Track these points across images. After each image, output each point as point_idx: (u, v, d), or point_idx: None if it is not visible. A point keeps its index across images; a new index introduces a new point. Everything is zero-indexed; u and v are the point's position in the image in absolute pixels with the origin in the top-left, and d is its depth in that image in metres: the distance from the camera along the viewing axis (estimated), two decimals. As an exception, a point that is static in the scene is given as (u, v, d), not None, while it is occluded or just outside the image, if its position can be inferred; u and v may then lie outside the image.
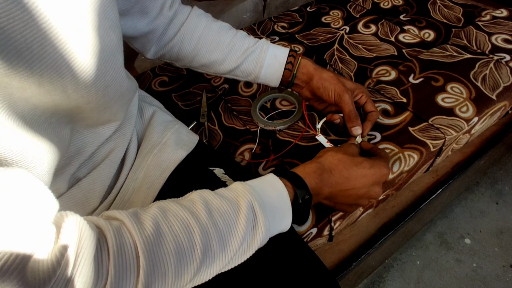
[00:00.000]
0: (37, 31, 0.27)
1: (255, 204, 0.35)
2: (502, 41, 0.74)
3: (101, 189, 0.43)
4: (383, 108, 0.64)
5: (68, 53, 0.29)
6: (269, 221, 0.36)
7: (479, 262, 1.00)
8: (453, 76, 0.68)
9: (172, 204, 0.34)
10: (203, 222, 0.32)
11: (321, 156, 0.46)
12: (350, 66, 0.76)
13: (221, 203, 0.34)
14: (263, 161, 0.60)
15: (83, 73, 0.32)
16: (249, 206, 0.35)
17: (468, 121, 0.61)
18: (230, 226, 0.33)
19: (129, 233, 0.30)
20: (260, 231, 0.35)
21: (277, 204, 0.37)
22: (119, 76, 0.38)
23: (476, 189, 1.16)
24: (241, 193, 0.36)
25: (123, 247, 0.28)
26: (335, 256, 0.63)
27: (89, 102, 0.35)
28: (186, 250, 0.31)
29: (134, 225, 0.30)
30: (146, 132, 0.51)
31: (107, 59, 0.35)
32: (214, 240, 0.32)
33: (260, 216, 0.35)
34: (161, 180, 0.46)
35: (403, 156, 0.57)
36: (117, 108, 0.42)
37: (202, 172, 0.49)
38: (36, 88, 0.29)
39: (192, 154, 0.51)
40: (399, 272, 0.99)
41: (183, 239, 0.31)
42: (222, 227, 0.33)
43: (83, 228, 0.27)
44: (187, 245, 0.31)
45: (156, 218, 0.31)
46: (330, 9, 0.95)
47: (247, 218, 0.34)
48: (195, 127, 0.68)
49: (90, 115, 0.38)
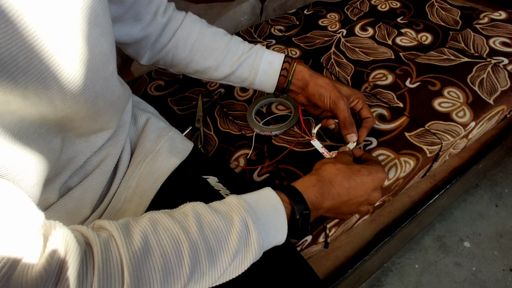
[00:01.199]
0: (22, 43, 0.26)
1: (249, 220, 0.34)
2: (500, 44, 0.73)
3: (93, 198, 0.43)
4: (379, 113, 0.64)
5: (55, 65, 0.29)
6: (262, 236, 0.35)
7: (479, 266, 0.99)
8: (450, 80, 0.67)
9: (163, 216, 0.33)
10: (193, 238, 0.32)
11: (319, 168, 0.45)
12: (347, 70, 0.76)
13: (213, 217, 0.34)
14: (258, 167, 0.59)
15: (71, 84, 0.31)
16: (242, 222, 0.34)
17: (465, 126, 0.60)
18: (221, 242, 0.33)
19: (116, 247, 0.29)
20: (253, 247, 0.34)
21: (271, 219, 0.37)
22: (110, 85, 0.38)
23: (475, 191, 1.15)
24: (235, 208, 0.35)
25: (109, 261, 0.28)
26: (331, 263, 0.63)
27: (78, 112, 0.35)
28: (174, 266, 0.30)
29: (122, 239, 0.29)
30: (140, 139, 0.51)
31: (97, 69, 0.35)
32: (203, 257, 0.32)
33: (254, 232, 0.34)
34: (154, 189, 0.45)
35: (399, 162, 0.56)
36: (109, 117, 0.41)
37: (196, 181, 0.48)
38: (21, 100, 0.28)
39: (186, 161, 0.51)
40: (397, 276, 0.99)
41: (171, 255, 0.30)
42: (213, 243, 0.33)
43: (70, 242, 0.27)
44: (175, 261, 0.30)
45: (146, 232, 0.31)
46: (327, 12, 0.95)
47: (240, 234, 0.33)
48: (190, 132, 0.67)
49: (81, 124, 0.38)
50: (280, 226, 0.37)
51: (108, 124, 0.43)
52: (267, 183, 0.57)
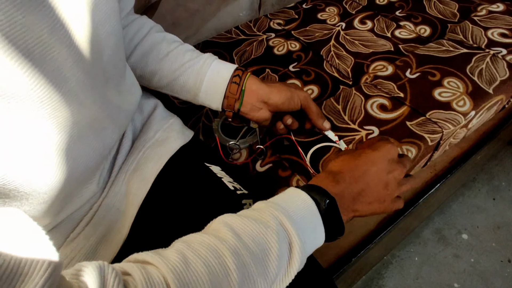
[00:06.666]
0: (39, 35, 0.26)
1: (281, 216, 0.32)
2: (499, 35, 0.74)
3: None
4: (380, 103, 0.64)
5: (71, 56, 0.29)
6: (301, 231, 0.32)
7: (477, 257, 1.00)
8: (449, 71, 0.68)
9: (194, 235, 0.31)
10: (232, 244, 0.29)
11: (324, 168, 0.44)
12: (347, 62, 0.76)
13: (246, 223, 0.31)
14: (260, 158, 0.59)
15: (87, 73, 0.31)
16: (276, 220, 0.32)
17: (465, 115, 0.61)
18: (262, 245, 0.30)
19: (155, 267, 0.27)
20: (297, 245, 0.31)
21: (304, 213, 0.34)
22: (120, 70, 0.38)
23: (473, 185, 1.17)
24: (265, 209, 0.33)
25: (151, 280, 0.25)
26: (334, 252, 0.63)
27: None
28: (219, 274, 0.27)
29: (158, 259, 0.27)
30: (144, 127, 0.50)
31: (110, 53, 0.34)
32: (247, 261, 0.29)
33: (291, 229, 0.32)
34: (154, 172, 0.45)
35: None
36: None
37: (198, 167, 0.48)
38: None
39: (189, 150, 0.51)
40: (397, 268, 0.99)
41: (214, 263, 0.28)
42: (253, 246, 0.30)
43: (106, 269, 0.24)
44: (219, 268, 0.28)
45: (180, 249, 0.28)
46: (326, 5, 0.95)
47: (278, 234, 0.31)
48: (244, 134, 0.61)
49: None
50: (314, 219, 0.34)
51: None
52: (270, 174, 0.57)
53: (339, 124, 0.61)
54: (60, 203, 0.33)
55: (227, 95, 0.50)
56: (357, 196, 0.39)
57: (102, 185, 0.43)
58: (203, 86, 0.50)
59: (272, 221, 0.32)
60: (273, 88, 0.50)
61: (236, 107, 0.51)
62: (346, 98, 0.66)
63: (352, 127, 0.60)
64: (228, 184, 0.45)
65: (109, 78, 0.35)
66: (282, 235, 0.31)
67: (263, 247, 0.30)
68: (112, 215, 0.41)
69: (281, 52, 0.80)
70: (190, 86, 0.51)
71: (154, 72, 0.52)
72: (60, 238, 0.39)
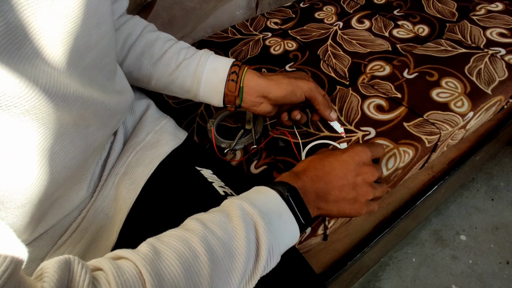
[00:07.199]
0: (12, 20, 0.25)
1: (245, 205, 0.33)
2: (497, 35, 0.73)
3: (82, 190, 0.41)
4: (377, 104, 0.63)
5: (42, 43, 0.28)
6: (268, 219, 0.33)
7: (475, 259, 0.99)
8: (447, 71, 0.67)
9: (164, 232, 0.31)
10: (200, 232, 0.30)
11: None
12: (344, 62, 0.75)
13: (211, 215, 0.32)
14: (255, 159, 0.58)
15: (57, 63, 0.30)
16: (239, 208, 0.33)
17: (463, 116, 0.60)
18: (228, 231, 0.31)
19: (127, 259, 0.27)
20: (261, 226, 0.32)
21: (265, 201, 0.35)
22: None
23: (471, 185, 1.16)
24: (228, 202, 0.34)
25: (121, 270, 0.25)
26: (330, 255, 0.62)
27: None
28: (189, 257, 0.28)
29: (129, 252, 0.27)
30: (135, 129, 0.49)
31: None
32: (216, 246, 0.30)
33: (253, 211, 0.33)
34: (144, 176, 0.44)
35: (398, 152, 0.56)
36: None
37: (188, 171, 0.47)
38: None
39: (180, 152, 0.49)
40: (395, 270, 0.99)
41: (183, 249, 0.28)
42: (220, 232, 0.31)
43: (75, 267, 0.24)
44: (188, 252, 0.28)
45: (150, 242, 0.29)
46: (324, 4, 0.94)
47: (242, 219, 0.32)
48: (243, 135, 0.61)
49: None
50: (278, 205, 0.35)
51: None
52: (265, 175, 0.56)
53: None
54: (41, 207, 0.32)
55: (226, 93, 0.50)
56: (321, 194, 0.39)
57: (92, 190, 0.42)
58: (201, 88, 0.50)
59: (236, 209, 0.33)
60: (272, 82, 0.48)
61: (237, 103, 0.51)
62: (343, 99, 0.65)
63: (348, 128, 0.59)
64: (219, 189, 0.44)
65: (92, 80, 0.34)
66: (247, 220, 0.32)
67: (229, 232, 0.31)
68: (100, 221, 0.40)
69: (277, 52, 0.79)
70: (188, 87, 0.51)
71: (150, 74, 0.51)
72: (48, 245, 0.38)
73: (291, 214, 0.35)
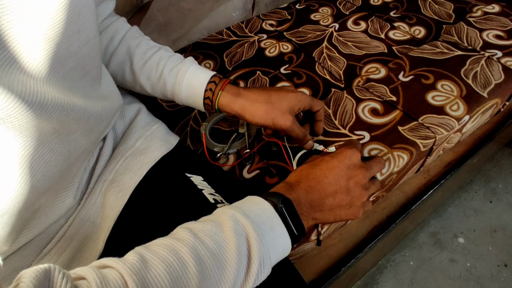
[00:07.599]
0: None
1: (238, 215, 0.32)
2: (494, 37, 0.72)
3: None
4: (372, 107, 0.62)
5: (20, 49, 0.27)
6: (261, 230, 0.32)
7: (473, 262, 0.99)
8: (443, 74, 0.66)
9: (153, 241, 0.31)
10: (190, 242, 0.29)
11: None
12: (339, 64, 0.74)
13: (202, 225, 0.32)
14: (248, 164, 0.57)
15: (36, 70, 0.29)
16: (232, 218, 0.32)
17: (459, 120, 0.59)
18: (219, 242, 0.30)
19: (112, 268, 0.26)
20: (253, 238, 0.31)
21: (259, 213, 0.34)
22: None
23: (469, 187, 1.15)
24: (220, 211, 0.33)
25: (106, 280, 0.25)
26: (324, 261, 0.61)
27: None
28: (178, 268, 0.27)
29: (115, 261, 0.27)
30: (125, 134, 0.49)
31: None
32: (206, 257, 0.29)
33: (245, 223, 0.32)
34: (133, 183, 0.43)
35: (393, 157, 0.55)
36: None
37: (178, 179, 0.46)
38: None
39: (171, 158, 0.49)
40: (392, 273, 0.98)
41: (171, 259, 0.28)
42: (210, 243, 0.30)
43: (55, 276, 0.24)
44: (177, 263, 0.28)
45: (137, 251, 0.28)
46: (320, 6, 0.93)
47: (234, 230, 0.31)
48: (236, 139, 0.60)
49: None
50: (271, 217, 0.34)
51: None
52: (257, 180, 0.55)
53: (329, 128, 0.59)
54: (22, 217, 0.31)
55: (207, 108, 0.51)
56: (315, 205, 0.39)
57: (79, 197, 0.41)
58: (182, 101, 0.51)
59: (229, 219, 0.32)
60: (247, 109, 0.47)
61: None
62: (337, 102, 0.64)
63: (342, 132, 0.59)
64: (209, 197, 0.44)
65: (74, 86, 0.33)
66: (239, 231, 0.31)
67: (220, 243, 0.30)
68: (86, 229, 0.40)
69: (272, 54, 0.79)
70: (171, 97, 0.51)
71: (134, 81, 0.51)
72: (33, 254, 0.37)
73: (284, 227, 0.35)
